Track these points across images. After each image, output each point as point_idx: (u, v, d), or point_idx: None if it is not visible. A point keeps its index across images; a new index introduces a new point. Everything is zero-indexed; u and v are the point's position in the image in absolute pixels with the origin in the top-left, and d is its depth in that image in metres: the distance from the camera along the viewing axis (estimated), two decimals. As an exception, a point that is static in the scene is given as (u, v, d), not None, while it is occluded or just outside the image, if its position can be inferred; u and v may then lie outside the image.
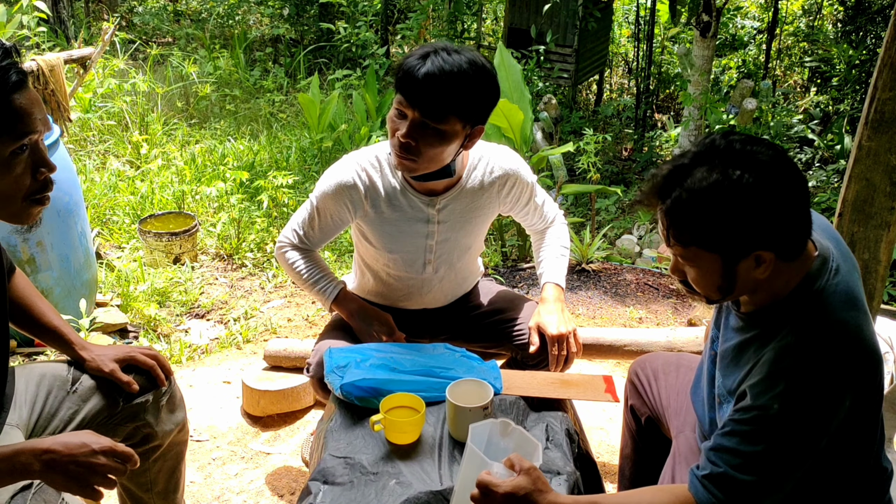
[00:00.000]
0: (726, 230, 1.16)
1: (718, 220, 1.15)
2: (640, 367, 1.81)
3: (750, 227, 1.15)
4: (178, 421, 1.71)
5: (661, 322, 3.34)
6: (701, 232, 1.18)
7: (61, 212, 2.74)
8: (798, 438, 1.18)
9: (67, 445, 1.21)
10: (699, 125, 5.15)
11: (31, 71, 3.51)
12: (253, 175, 4.43)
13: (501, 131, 3.78)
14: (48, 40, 6.18)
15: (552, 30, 6.21)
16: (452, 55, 1.56)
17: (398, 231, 1.82)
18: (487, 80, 1.61)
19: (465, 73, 1.55)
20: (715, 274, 1.22)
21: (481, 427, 1.34)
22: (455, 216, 1.82)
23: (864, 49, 6.14)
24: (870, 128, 2.05)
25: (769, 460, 1.19)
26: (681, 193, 1.17)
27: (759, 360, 1.22)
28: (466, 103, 1.59)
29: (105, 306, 3.16)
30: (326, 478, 1.41)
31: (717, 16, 4.93)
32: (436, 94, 1.55)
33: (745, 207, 1.14)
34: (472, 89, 1.58)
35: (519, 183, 1.86)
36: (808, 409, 1.17)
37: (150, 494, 1.76)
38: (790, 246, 1.19)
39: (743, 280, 1.21)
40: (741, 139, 1.19)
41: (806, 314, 1.20)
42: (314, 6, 7.59)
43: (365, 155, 1.80)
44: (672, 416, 1.65)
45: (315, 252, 1.94)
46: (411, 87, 1.56)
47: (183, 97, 6.04)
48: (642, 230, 4.67)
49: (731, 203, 1.14)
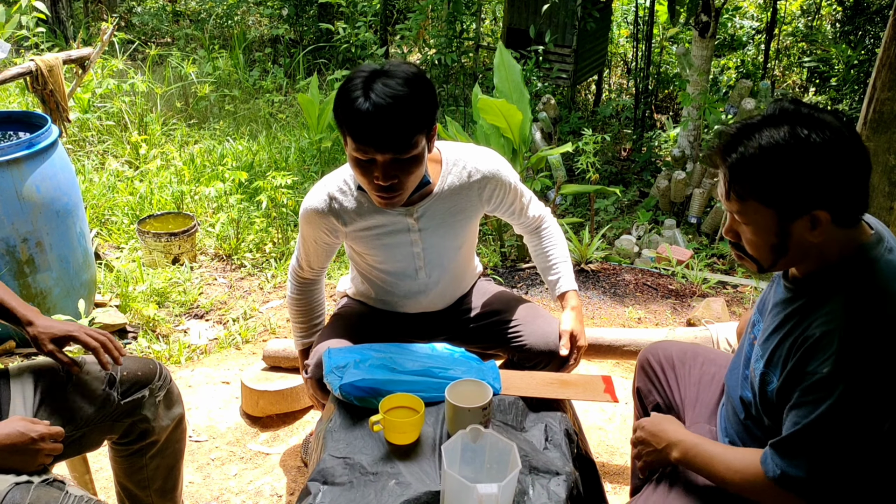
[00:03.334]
0: (786, 184, 1.17)
1: (780, 174, 1.17)
2: (651, 355, 1.81)
3: (810, 183, 1.16)
4: (175, 416, 1.71)
5: (659, 322, 3.34)
6: (761, 185, 1.19)
7: (60, 212, 2.74)
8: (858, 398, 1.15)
9: (10, 436, 1.33)
10: (698, 125, 5.15)
11: (29, 71, 3.51)
12: (252, 175, 4.44)
13: (500, 131, 3.78)
14: (47, 40, 6.18)
15: (551, 30, 6.21)
16: (387, 82, 1.51)
17: (382, 245, 1.82)
18: (425, 86, 1.57)
19: (409, 94, 1.51)
20: (770, 232, 1.22)
21: (451, 443, 1.33)
22: (435, 222, 1.81)
23: (862, 49, 6.14)
24: (868, 128, 2.06)
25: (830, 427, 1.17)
26: (746, 148, 1.19)
27: (808, 327, 1.21)
28: (421, 119, 1.55)
29: (104, 307, 3.15)
30: (326, 478, 1.41)
31: (716, 16, 4.93)
32: (396, 128, 1.50)
33: (809, 164, 1.15)
34: (420, 105, 1.53)
35: (500, 185, 1.84)
36: (865, 367, 1.15)
37: (147, 492, 1.76)
38: (848, 210, 1.19)
39: (796, 241, 1.22)
40: (810, 106, 1.21)
41: (860, 280, 1.20)
42: (313, 6, 7.59)
43: (333, 180, 1.80)
44: (688, 407, 1.66)
45: (312, 287, 2.06)
46: (372, 133, 1.50)
47: (182, 97, 6.03)
48: (641, 230, 4.67)
49: (794, 158, 1.16)
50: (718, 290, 3.66)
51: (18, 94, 5.23)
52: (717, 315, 3.05)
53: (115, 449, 1.71)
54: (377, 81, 1.51)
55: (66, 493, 1.32)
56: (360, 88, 1.51)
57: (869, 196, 1.22)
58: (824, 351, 1.17)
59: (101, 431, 1.59)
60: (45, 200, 2.67)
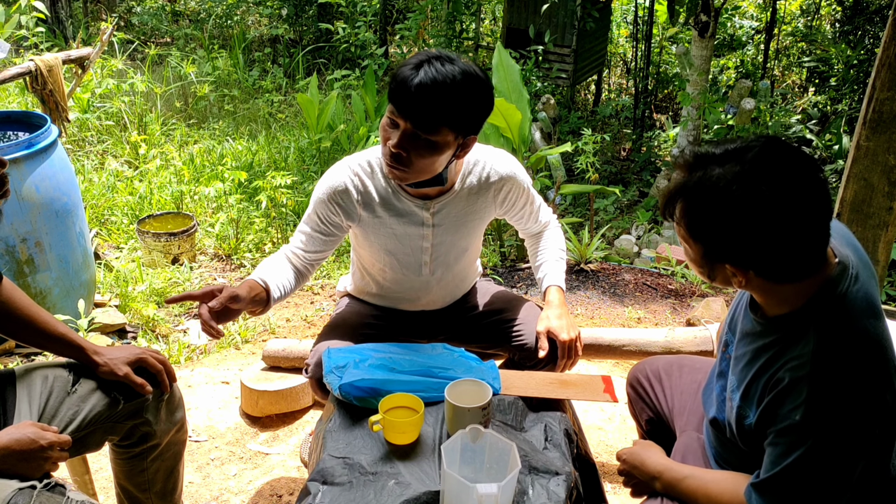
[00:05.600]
0: (711, 228, 1.17)
1: (708, 215, 1.16)
2: (639, 372, 1.83)
3: (734, 239, 1.14)
4: (177, 420, 1.71)
5: (659, 322, 3.35)
6: (691, 216, 1.19)
7: (60, 212, 2.74)
8: (830, 444, 1.15)
9: (20, 442, 1.35)
10: (697, 125, 5.16)
11: (29, 71, 3.51)
12: (251, 175, 4.44)
13: (500, 131, 3.78)
14: (46, 40, 6.18)
15: (550, 30, 6.22)
16: (446, 65, 1.52)
17: (393, 234, 1.82)
18: (481, 90, 1.58)
19: (458, 83, 1.52)
20: (697, 262, 1.25)
21: (451, 443, 1.33)
22: (450, 220, 1.82)
23: (861, 49, 6.15)
24: (868, 128, 2.05)
25: (807, 470, 1.17)
26: (703, 174, 1.17)
27: (780, 369, 1.21)
28: (458, 114, 1.56)
29: (103, 307, 3.15)
30: (325, 478, 1.40)
31: (716, 16, 4.93)
32: (427, 105, 1.51)
33: (741, 218, 1.12)
34: (464, 100, 1.54)
35: (515, 187, 1.86)
36: (834, 415, 1.14)
37: (147, 494, 1.76)
38: (785, 271, 1.17)
39: (723, 279, 1.23)
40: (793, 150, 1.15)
41: (828, 320, 1.18)
42: (313, 6, 7.59)
43: (357, 160, 1.80)
44: (677, 415, 1.67)
45: (291, 256, 1.84)
46: (403, 98, 1.53)
47: (181, 97, 6.03)
48: (641, 230, 4.67)
49: (729, 206, 1.13)
50: (718, 290, 3.66)
51: (18, 93, 5.24)
52: (717, 315, 3.05)
53: (115, 451, 1.71)
54: (437, 61, 1.53)
55: (68, 499, 1.32)
56: (417, 64, 1.53)
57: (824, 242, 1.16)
58: (794, 398, 1.17)
59: (103, 432, 1.60)
60: (44, 200, 2.67)
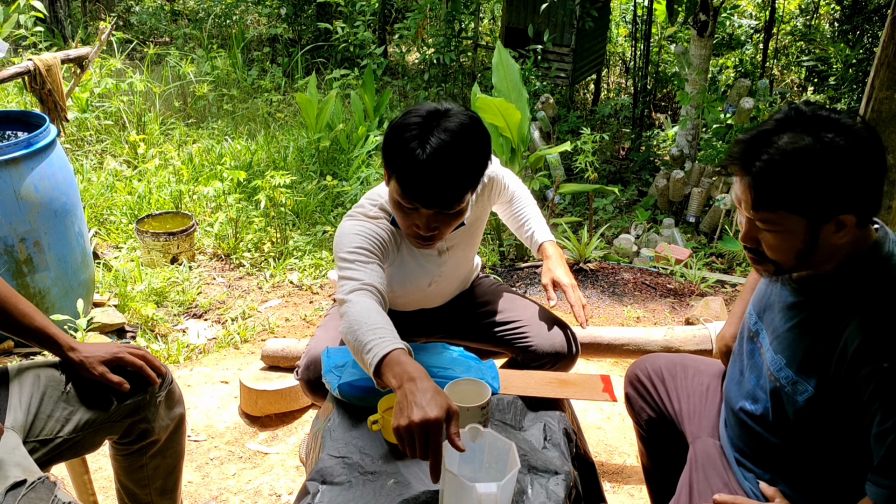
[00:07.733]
0: (815, 191, 1.16)
1: (808, 181, 1.15)
2: (638, 370, 1.79)
3: (838, 188, 1.15)
4: (176, 416, 1.70)
5: (658, 321, 3.35)
6: (791, 194, 1.17)
7: (58, 212, 2.74)
8: None
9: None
10: (696, 124, 5.16)
11: (27, 70, 3.51)
12: (250, 175, 4.43)
13: (499, 130, 3.78)
14: (45, 40, 6.17)
15: (549, 29, 6.21)
16: (442, 138, 1.42)
17: (405, 264, 1.79)
18: (481, 141, 1.49)
19: (465, 152, 1.45)
20: (797, 238, 1.21)
21: None
22: (460, 238, 1.83)
23: (860, 48, 6.15)
24: (867, 127, 2.06)
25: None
26: (772, 156, 1.17)
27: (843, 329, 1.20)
28: (474, 178, 1.50)
29: (102, 306, 3.15)
30: (324, 478, 1.40)
31: (715, 15, 4.93)
32: (448, 188, 1.45)
33: (836, 169, 1.14)
34: (474, 162, 1.48)
35: (497, 182, 1.88)
36: None
37: (147, 490, 1.76)
38: (870, 210, 1.19)
39: (822, 245, 1.21)
40: (826, 107, 1.20)
41: (882, 276, 1.21)
42: (312, 6, 7.58)
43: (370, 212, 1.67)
44: (686, 421, 1.63)
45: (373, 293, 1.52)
46: (422, 191, 1.45)
47: (180, 97, 6.03)
48: (640, 229, 4.67)
49: (821, 164, 1.14)
50: (717, 288, 3.66)
51: (16, 93, 5.23)
52: (716, 314, 3.05)
53: (115, 448, 1.71)
54: (435, 132, 1.43)
55: (55, 498, 1.31)
56: (416, 138, 1.43)
57: None
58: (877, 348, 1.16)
59: (101, 432, 1.59)
60: (43, 200, 2.66)
